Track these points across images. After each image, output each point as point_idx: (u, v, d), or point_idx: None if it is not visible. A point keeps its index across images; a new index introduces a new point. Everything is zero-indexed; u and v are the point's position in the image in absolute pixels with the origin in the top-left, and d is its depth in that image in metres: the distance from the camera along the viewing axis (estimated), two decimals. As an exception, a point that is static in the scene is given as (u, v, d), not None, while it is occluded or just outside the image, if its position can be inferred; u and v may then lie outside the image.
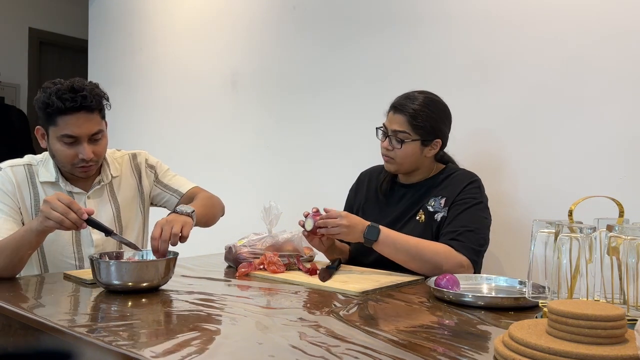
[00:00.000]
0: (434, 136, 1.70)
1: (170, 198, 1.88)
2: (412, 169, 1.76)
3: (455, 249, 1.56)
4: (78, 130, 1.58)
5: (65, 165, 1.65)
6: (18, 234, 1.47)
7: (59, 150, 1.62)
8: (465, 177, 1.72)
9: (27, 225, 1.48)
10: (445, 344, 0.96)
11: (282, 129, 2.75)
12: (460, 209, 1.64)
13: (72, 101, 1.55)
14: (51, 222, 1.38)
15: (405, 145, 1.69)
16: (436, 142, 1.71)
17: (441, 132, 1.72)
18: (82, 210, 1.40)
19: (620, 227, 1.02)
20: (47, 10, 5.39)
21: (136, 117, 3.59)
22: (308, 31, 2.62)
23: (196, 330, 1.03)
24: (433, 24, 2.18)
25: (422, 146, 1.70)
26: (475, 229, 1.61)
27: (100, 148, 1.66)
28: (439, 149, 1.74)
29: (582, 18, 1.81)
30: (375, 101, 1.94)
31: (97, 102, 1.61)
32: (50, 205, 1.37)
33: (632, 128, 1.72)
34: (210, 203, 1.82)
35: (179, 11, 3.31)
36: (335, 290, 1.38)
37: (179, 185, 1.89)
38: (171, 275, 1.38)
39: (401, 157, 1.71)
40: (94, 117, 1.61)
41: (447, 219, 1.65)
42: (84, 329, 1.03)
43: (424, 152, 1.72)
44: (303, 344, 0.94)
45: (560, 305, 0.82)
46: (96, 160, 1.66)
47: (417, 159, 1.72)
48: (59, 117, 1.57)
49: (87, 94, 1.57)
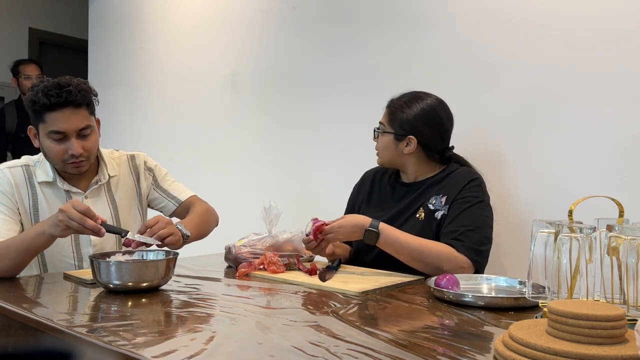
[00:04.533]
0: (406, 132, 1.73)
1: (168, 204, 1.88)
2: (394, 163, 1.79)
3: (456, 250, 1.56)
4: (65, 125, 1.60)
5: (56, 163, 1.66)
6: (27, 237, 1.48)
7: (49, 147, 1.63)
8: (466, 175, 1.72)
9: (38, 228, 1.48)
10: (445, 344, 0.96)
11: (282, 128, 2.75)
12: (461, 208, 1.64)
13: (57, 97, 1.57)
14: (72, 231, 1.42)
15: (380, 137, 1.79)
16: (410, 139, 1.73)
17: (416, 130, 1.72)
18: (97, 216, 1.43)
19: (620, 227, 1.02)
20: (47, 10, 5.39)
21: (136, 117, 3.59)
22: (308, 31, 2.62)
23: (196, 331, 1.03)
24: (433, 24, 2.18)
25: (395, 140, 1.75)
26: (477, 228, 1.61)
27: (89, 143, 1.66)
28: (415, 146, 1.73)
29: (582, 19, 1.81)
30: (375, 101, 1.94)
31: (83, 97, 1.61)
32: (67, 214, 1.39)
33: (632, 128, 1.72)
34: (206, 219, 1.83)
35: (179, 11, 3.31)
36: (335, 290, 1.38)
37: (178, 192, 1.90)
38: (171, 275, 1.38)
39: (379, 149, 1.80)
40: (80, 112, 1.62)
41: (448, 218, 1.65)
42: (84, 329, 1.03)
43: (399, 147, 1.74)
44: (303, 344, 0.94)
45: (560, 305, 0.82)
46: (87, 156, 1.66)
47: (394, 153, 1.76)
48: (46, 114, 1.59)
49: (73, 89, 1.59)
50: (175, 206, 1.88)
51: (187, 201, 1.88)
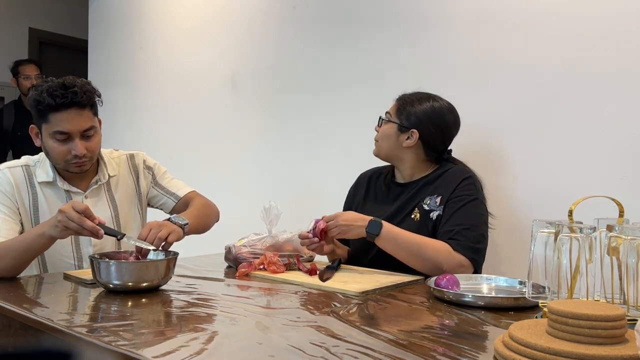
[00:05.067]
0: (411, 125, 1.74)
1: (167, 201, 1.88)
2: (389, 155, 1.79)
3: (453, 249, 1.57)
4: (69, 126, 1.60)
5: (59, 162, 1.66)
6: (28, 238, 1.48)
7: (52, 147, 1.63)
8: (459, 174, 1.72)
9: (38, 229, 1.48)
10: (445, 344, 0.96)
11: (282, 128, 2.75)
12: (455, 207, 1.64)
13: (62, 97, 1.57)
14: (70, 232, 1.42)
15: (383, 124, 1.80)
16: (412, 132, 1.73)
17: (421, 125, 1.74)
18: (95, 217, 1.42)
19: (620, 227, 1.02)
20: (47, 10, 5.39)
21: (136, 117, 3.59)
22: (308, 31, 2.62)
23: (196, 331, 1.03)
24: (433, 24, 2.18)
25: (398, 131, 1.75)
26: (472, 226, 1.61)
27: (93, 144, 1.66)
28: (415, 141, 1.73)
29: (583, 18, 1.81)
30: (375, 101, 1.94)
31: (88, 98, 1.62)
32: (66, 214, 1.39)
33: (632, 128, 1.72)
34: (205, 212, 1.82)
35: (179, 11, 3.31)
36: (335, 290, 1.38)
37: (177, 188, 1.89)
38: (171, 275, 1.38)
39: (379, 136, 1.80)
40: (85, 113, 1.62)
41: (443, 218, 1.65)
42: (84, 329, 1.03)
43: (400, 139, 1.75)
44: (303, 344, 0.94)
45: (560, 305, 0.82)
46: (90, 157, 1.67)
47: (393, 144, 1.76)
48: (51, 114, 1.59)
49: (78, 90, 1.59)
50: (174, 202, 1.87)
51: (186, 197, 1.87)
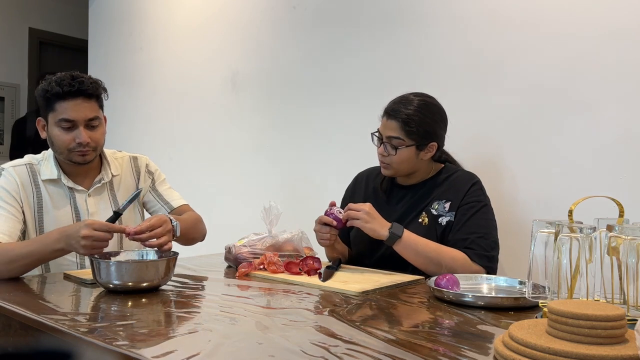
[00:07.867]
0: (428, 140, 1.69)
1: (160, 209, 1.87)
2: (410, 172, 1.75)
3: (471, 259, 1.58)
4: (75, 114, 1.63)
5: (62, 152, 1.67)
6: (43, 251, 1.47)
7: (57, 136, 1.66)
8: (467, 178, 1.72)
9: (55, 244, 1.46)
10: (445, 344, 0.96)
11: (282, 128, 2.75)
12: (467, 215, 1.64)
13: (69, 86, 1.62)
14: (96, 250, 1.42)
15: (399, 151, 1.68)
16: (431, 146, 1.70)
17: (436, 135, 1.70)
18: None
19: (620, 227, 1.02)
20: (47, 10, 5.39)
21: (136, 116, 3.59)
22: (308, 31, 2.62)
23: (196, 331, 1.03)
24: (433, 25, 2.18)
25: (417, 150, 1.69)
26: (485, 234, 1.62)
27: (97, 135, 1.69)
28: (435, 151, 1.73)
29: (583, 18, 1.81)
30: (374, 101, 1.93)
31: (94, 89, 1.66)
32: (93, 237, 1.40)
33: (632, 128, 1.72)
34: (194, 225, 1.80)
35: (179, 11, 3.31)
36: (335, 290, 1.38)
37: (172, 198, 1.89)
38: (171, 275, 1.38)
39: (397, 162, 1.70)
40: (91, 103, 1.67)
41: (455, 225, 1.65)
42: (84, 329, 1.03)
43: (420, 156, 1.71)
44: (303, 344, 0.94)
45: (560, 305, 0.82)
46: (93, 147, 1.68)
47: (414, 162, 1.71)
48: (57, 103, 1.63)
49: (85, 80, 1.65)
50: (166, 212, 1.85)
51: (179, 209, 1.86)
